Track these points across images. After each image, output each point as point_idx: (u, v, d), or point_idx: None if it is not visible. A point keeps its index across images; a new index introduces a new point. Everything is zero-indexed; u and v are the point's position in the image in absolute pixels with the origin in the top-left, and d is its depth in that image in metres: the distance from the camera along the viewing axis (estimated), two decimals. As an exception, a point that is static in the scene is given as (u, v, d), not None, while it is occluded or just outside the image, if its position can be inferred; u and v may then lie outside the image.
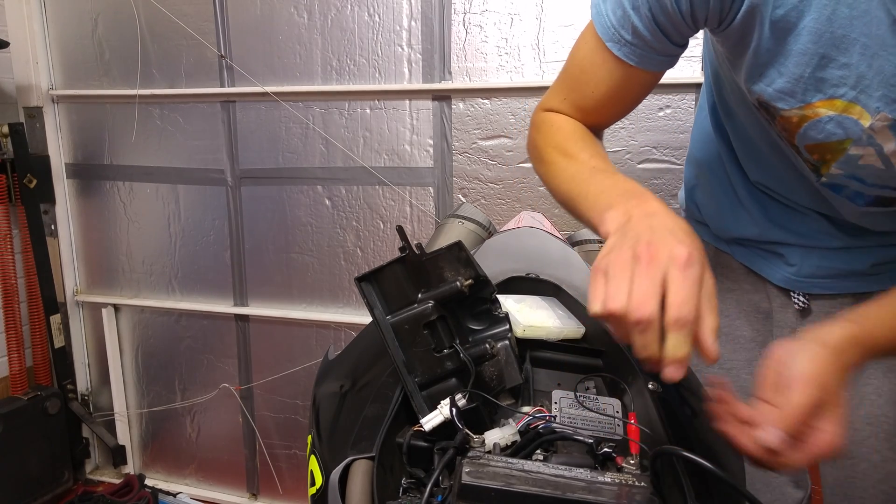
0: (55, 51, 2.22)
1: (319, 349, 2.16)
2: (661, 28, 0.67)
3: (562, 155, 0.75)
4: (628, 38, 0.69)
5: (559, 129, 0.78)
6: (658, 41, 0.68)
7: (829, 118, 0.64)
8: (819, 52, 0.59)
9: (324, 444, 0.65)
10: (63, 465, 2.32)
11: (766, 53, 0.63)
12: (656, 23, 0.66)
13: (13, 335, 2.22)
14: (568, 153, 0.75)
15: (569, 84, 0.79)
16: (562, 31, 1.76)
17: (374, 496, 0.53)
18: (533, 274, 0.88)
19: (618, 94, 0.76)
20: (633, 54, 0.70)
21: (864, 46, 0.57)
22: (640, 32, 0.68)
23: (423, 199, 1.97)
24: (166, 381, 2.38)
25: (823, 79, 0.61)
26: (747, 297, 0.92)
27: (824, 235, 0.83)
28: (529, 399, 0.68)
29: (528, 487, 0.47)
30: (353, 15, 1.92)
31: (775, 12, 0.59)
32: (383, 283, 0.65)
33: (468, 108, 1.88)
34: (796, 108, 0.65)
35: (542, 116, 0.82)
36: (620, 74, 0.73)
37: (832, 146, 0.67)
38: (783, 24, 0.59)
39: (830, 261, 0.84)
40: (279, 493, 2.31)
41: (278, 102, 2.01)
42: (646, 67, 0.71)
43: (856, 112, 0.62)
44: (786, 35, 0.60)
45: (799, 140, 0.69)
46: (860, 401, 0.85)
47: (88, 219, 2.34)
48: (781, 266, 0.88)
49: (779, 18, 0.59)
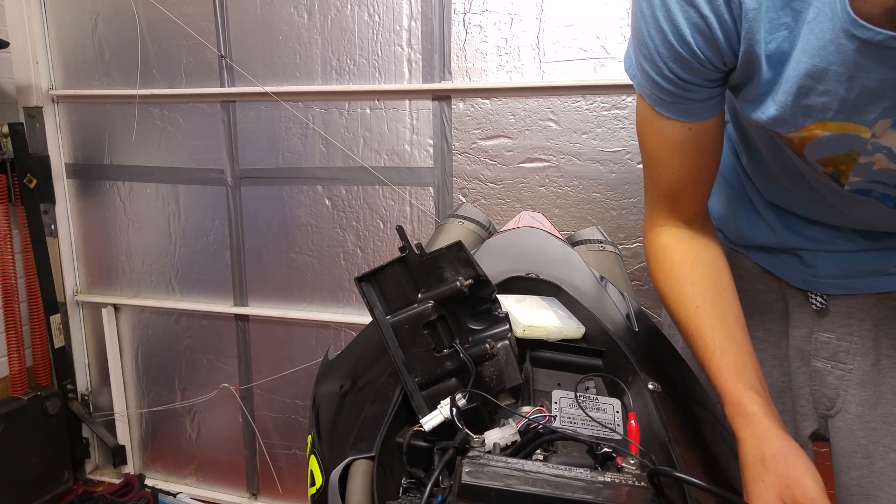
0: (55, 51, 2.22)
1: (319, 349, 2.16)
2: (692, 83, 0.69)
3: (683, 315, 0.77)
4: (669, 100, 0.71)
5: (674, 270, 0.80)
6: (696, 93, 0.70)
7: (828, 137, 0.65)
8: (799, 83, 0.61)
9: (324, 444, 0.65)
10: (63, 465, 2.32)
11: (766, 84, 0.65)
12: (682, 79, 0.69)
13: (13, 335, 2.22)
14: (690, 318, 0.76)
15: (651, 176, 0.81)
16: (562, 31, 1.76)
17: (374, 496, 0.53)
18: (533, 274, 0.88)
19: (693, 156, 0.76)
20: (680, 112, 0.72)
21: (837, 74, 0.59)
22: (675, 92, 0.70)
23: (423, 199, 1.97)
24: (166, 381, 2.38)
25: (809, 105, 0.63)
26: (761, 297, 0.92)
27: (842, 240, 0.83)
28: (529, 399, 0.68)
29: (527, 487, 0.47)
30: (353, 15, 1.92)
31: (769, 46, 0.62)
32: (383, 283, 0.65)
33: (468, 108, 1.88)
34: (793, 131, 0.67)
35: (653, 247, 0.83)
36: (684, 135, 0.74)
37: (841, 158, 0.68)
38: (777, 56, 0.62)
39: (849, 262, 0.84)
40: (279, 493, 2.31)
41: (278, 102, 2.01)
42: (700, 118, 0.73)
43: (851, 129, 0.63)
44: (782, 64, 0.62)
45: (808, 156, 0.70)
46: (877, 399, 0.85)
47: (88, 219, 2.34)
48: (799, 267, 0.88)
49: (772, 52, 0.62)
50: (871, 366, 0.84)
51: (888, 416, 0.84)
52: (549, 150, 1.84)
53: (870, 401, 0.85)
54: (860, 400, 0.85)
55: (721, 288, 0.78)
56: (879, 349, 0.84)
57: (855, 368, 0.85)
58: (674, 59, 0.67)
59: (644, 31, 0.68)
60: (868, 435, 0.85)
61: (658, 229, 0.82)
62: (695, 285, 0.77)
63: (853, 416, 0.86)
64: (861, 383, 0.85)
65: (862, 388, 0.85)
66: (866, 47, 0.55)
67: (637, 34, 0.70)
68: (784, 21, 0.60)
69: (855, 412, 0.86)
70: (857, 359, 0.85)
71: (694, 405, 0.76)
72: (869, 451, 0.84)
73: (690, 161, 0.76)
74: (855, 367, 0.85)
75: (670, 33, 0.65)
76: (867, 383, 0.85)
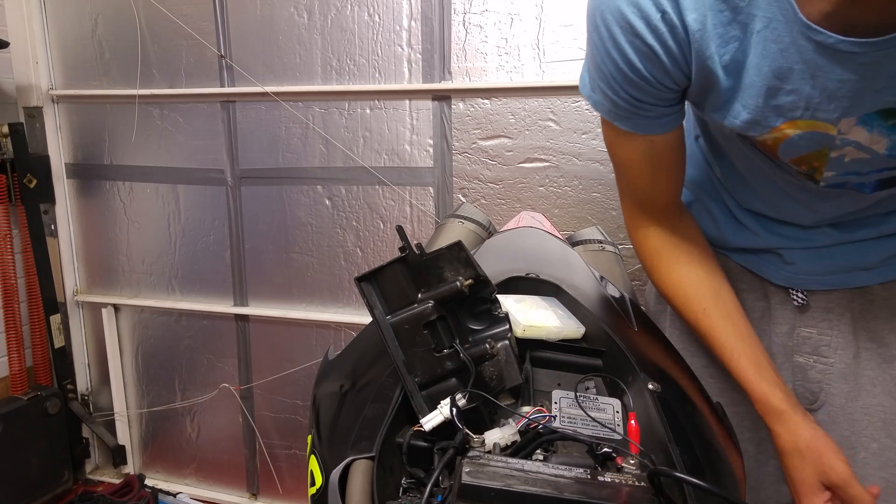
0: (55, 51, 2.22)
1: (319, 349, 2.16)
2: (646, 102, 0.73)
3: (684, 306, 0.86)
4: (628, 116, 0.76)
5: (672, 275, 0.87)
6: (652, 111, 0.75)
7: (799, 136, 0.68)
8: (765, 84, 0.65)
9: (324, 444, 0.65)
10: (63, 465, 2.32)
11: (728, 91, 0.68)
12: (638, 100, 0.73)
13: (13, 335, 2.22)
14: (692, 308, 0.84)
15: (625, 184, 0.87)
16: (562, 31, 1.76)
17: (374, 496, 0.53)
18: (533, 274, 0.89)
19: (659, 164, 0.82)
20: (640, 126, 0.76)
21: (801, 72, 0.62)
22: (632, 111, 0.75)
23: (423, 199, 1.97)
24: (166, 381, 2.38)
25: (778, 105, 0.66)
26: (742, 296, 0.93)
27: (819, 236, 0.85)
28: (529, 399, 0.68)
29: (527, 487, 0.47)
30: (353, 15, 1.92)
31: (723, 58, 0.65)
32: (383, 283, 0.65)
33: (468, 108, 1.88)
34: (766, 132, 0.70)
35: (646, 250, 0.89)
36: (648, 147, 0.79)
37: (813, 156, 0.71)
38: (734, 65, 0.66)
39: (828, 258, 0.86)
40: (279, 493, 2.31)
41: (278, 102, 2.01)
42: (659, 132, 0.78)
43: (820, 126, 0.66)
44: (739, 72, 0.66)
45: (782, 157, 0.73)
46: (858, 391, 0.87)
47: (88, 219, 2.34)
48: (780, 266, 0.90)
49: (727, 62, 0.66)
50: (852, 359, 0.87)
51: (869, 408, 0.86)
52: (549, 150, 1.84)
53: (851, 393, 0.87)
54: (842, 392, 0.88)
55: (718, 285, 0.85)
56: (859, 342, 0.87)
57: (836, 362, 0.88)
58: (627, 83, 0.71)
59: (598, 59, 0.72)
60: (851, 426, 0.87)
61: (644, 230, 0.88)
62: (696, 288, 0.84)
63: (836, 409, 0.89)
64: (843, 376, 0.88)
65: (844, 381, 0.88)
66: (822, 49, 0.59)
67: (592, 61, 0.74)
68: (733, 34, 0.64)
69: (838, 405, 0.88)
70: (838, 352, 0.88)
71: (694, 405, 0.76)
72: (852, 443, 0.87)
73: (658, 168, 0.82)
74: (836, 360, 0.88)
75: (621, 62, 0.69)
76: (848, 376, 0.88)
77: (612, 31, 0.68)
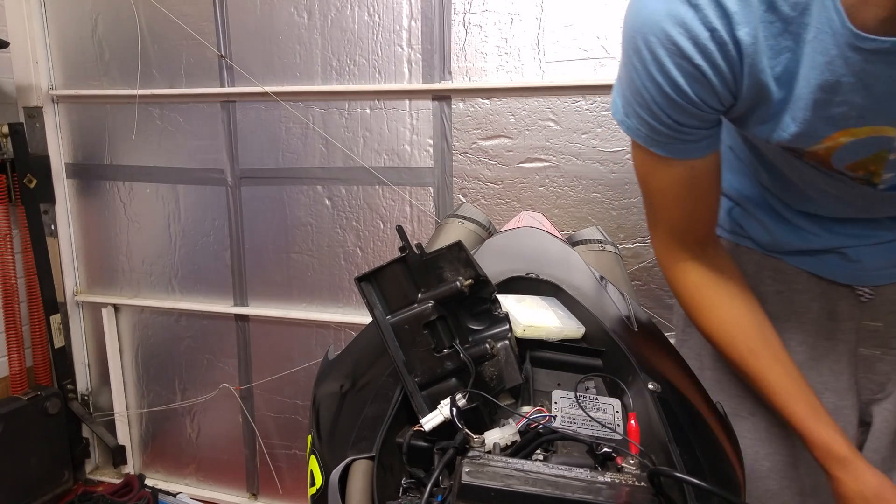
0: (55, 51, 2.22)
1: (319, 349, 2.16)
2: (689, 126, 0.70)
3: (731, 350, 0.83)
4: (668, 142, 0.72)
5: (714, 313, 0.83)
6: (693, 135, 0.71)
7: (854, 142, 0.66)
8: (814, 97, 0.63)
9: (324, 444, 0.65)
10: (63, 465, 2.32)
11: (779, 104, 0.66)
12: (680, 124, 0.70)
13: (13, 335, 2.22)
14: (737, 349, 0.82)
15: (658, 214, 0.83)
16: (562, 31, 1.76)
17: (374, 496, 0.53)
18: (533, 274, 0.88)
19: (698, 192, 0.78)
20: (680, 151, 0.73)
21: (851, 85, 0.60)
22: (672, 135, 0.71)
23: (423, 199, 1.97)
24: (166, 381, 2.38)
25: (830, 116, 0.64)
26: (797, 297, 0.92)
27: (883, 231, 0.84)
28: (529, 399, 0.68)
29: (527, 487, 0.47)
30: (353, 15, 1.92)
31: (775, 70, 0.63)
32: (383, 283, 0.65)
33: (468, 108, 1.88)
34: (817, 143, 0.68)
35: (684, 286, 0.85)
36: (687, 173, 0.76)
37: (870, 160, 0.69)
38: (786, 77, 0.63)
39: (894, 251, 0.85)
40: (279, 493, 2.31)
41: (278, 102, 2.01)
42: (699, 156, 0.74)
43: (877, 131, 0.65)
44: (791, 83, 0.64)
45: (836, 164, 0.71)
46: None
47: (88, 219, 2.34)
48: (843, 264, 0.88)
49: (779, 74, 0.63)
50: None
51: None
52: (549, 150, 1.84)
53: None
54: None
55: (763, 324, 0.82)
56: None
57: None
58: (670, 107, 0.68)
59: (638, 83, 0.68)
60: None
61: (681, 265, 0.84)
62: (742, 327, 0.81)
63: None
64: None
65: None
66: (874, 56, 0.57)
67: (631, 85, 0.70)
68: (785, 45, 0.61)
69: None
70: None
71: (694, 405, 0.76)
72: None
73: (697, 195, 0.78)
74: None
75: (665, 84, 0.66)
76: None
77: (655, 53, 0.64)
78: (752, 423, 0.94)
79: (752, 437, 0.93)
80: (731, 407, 0.93)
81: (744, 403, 0.94)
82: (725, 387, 0.95)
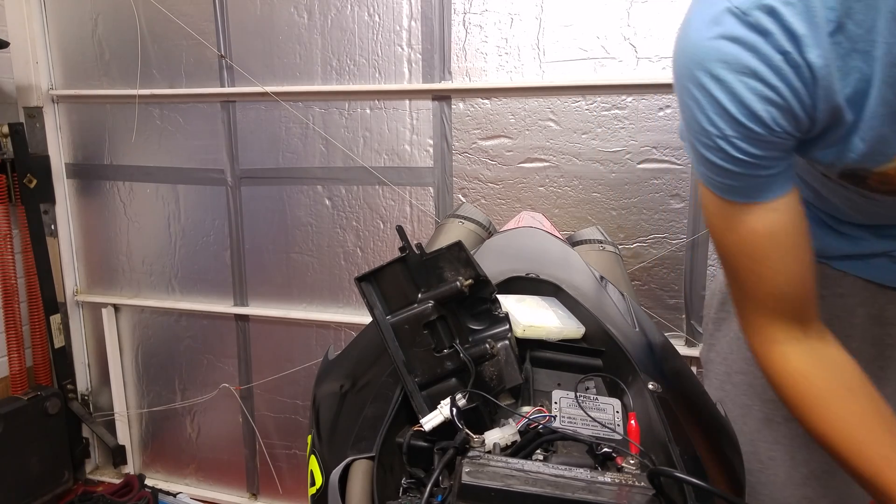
0: (55, 51, 2.22)
1: (319, 349, 2.16)
2: (766, 157, 0.64)
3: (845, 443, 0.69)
4: (743, 184, 0.65)
5: (832, 409, 0.69)
6: (772, 167, 0.65)
7: None
8: (888, 112, 0.60)
9: (324, 444, 0.65)
10: (63, 465, 2.32)
11: (850, 125, 0.63)
12: (753, 155, 0.64)
13: (13, 335, 2.22)
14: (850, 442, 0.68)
15: (746, 283, 0.71)
16: (562, 31, 1.76)
17: (374, 496, 0.53)
18: (533, 274, 0.88)
19: (788, 242, 0.68)
20: (759, 190, 0.66)
21: None
22: (748, 173, 0.65)
23: (423, 199, 1.97)
24: (166, 381, 2.38)
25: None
26: (840, 301, 0.90)
27: None
28: (529, 399, 0.68)
29: (527, 487, 0.47)
30: (353, 15, 1.92)
31: (845, 91, 0.60)
32: (383, 283, 0.65)
33: (468, 108, 1.88)
34: (887, 162, 0.65)
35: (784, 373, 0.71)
36: (771, 219, 0.67)
37: None
38: (856, 97, 0.61)
39: None
40: (279, 493, 2.31)
41: (278, 102, 2.01)
42: (780, 192, 0.66)
43: None
44: (862, 103, 0.61)
45: None
46: None
47: (88, 219, 2.34)
48: (892, 266, 0.86)
49: (850, 95, 0.61)
50: None
51: None
52: (549, 150, 1.84)
53: None
54: None
55: (890, 421, 0.68)
56: None
57: None
58: (743, 138, 0.62)
59: (703, 119, 0.63)
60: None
61: (779, 349, 0.71)
62: (871, 431, 0.67)
63: None
64: None
65: None
66: None
67: (694, 125, 0.64)
68: (854, 65, 0.59)
69: None
70: None
71: (694, 405, 0.76)
72: None
73: (787, 247, 0.68)
74: None
75: (738, 112, 0.61)
76: None
77: (724, 81, 0.60)
78: (787, 429, 0.89)
79: (789, 443, 0.90)
80: (765, 412, 0.91)
81: (779, 409, 0.88)
82: (759, 391, 0.91)
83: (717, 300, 1.01)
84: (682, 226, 1.77)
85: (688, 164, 1.73)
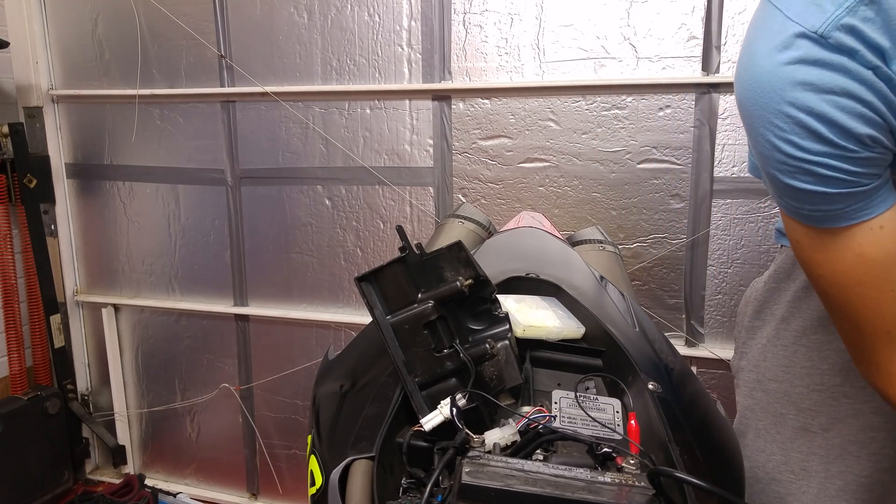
0: (55, 51, 2.22)
1: (319, 349, 2.16)
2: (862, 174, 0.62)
3: None
4: (843, 206, 0.62)
5: None
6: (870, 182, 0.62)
7: None
8: None
9: (324, 444, 0.65)
10: (63, 465, 2.32)
11: None
12: (850, 173, 0.61)
13: (13, 335, 2.22)
14: None
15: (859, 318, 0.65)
16: (562, 31, 1.76)
17: (374, 496, 0.53)
18: (533, 274, 0.89)
19: None
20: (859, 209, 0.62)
21: None
22: (846, 192, 0.62)
23: (423, 199, 1.97)
24: (166, 381, 2.38)
25: None
26: None
27: None
28: (529, 399, 0.68)
29: (527, 487, 0.47)
30: (353, 15, 1.92)
31: None
32: (383, 283, 0.65)
33: (468, 108, 1.88)
34: None
35: None
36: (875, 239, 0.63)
37: None
38: None
39: None
40: (279, 493, 2.31)
41: (278, 102, 2.01)
42: (878, 209, 0.63)
43: None
44: None
45: None
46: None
47: (88, 219, 2.34)
48: None
49: None
50: None
51: None
52: (549, 150, 1.84)
53: None
54: None
55: None
56: None
57: None
58: (838, 158, 0.60)
59: (787, 146, 0.61)
60: None
61: None
62: None
63: None
64: None
65: None
66: None
67: (777, 154, 0.62)
68: None
69: None
70: None
71: (694, 405, 0.76)
72: None
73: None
74: None
75: (829, 133, 0.59)
76: None
77: (810, 105, 0.58)
78: (823, 440, 0.87)
79: (824, 454, 0.87)
80: (801, 421, 0.89)
81: (816, 418, 0.87)
82: (795, 400, 0.89)
83: (752, 308, 0.98)
84: (682, 226, 1.77)
85: (688, 164, 1.73)
